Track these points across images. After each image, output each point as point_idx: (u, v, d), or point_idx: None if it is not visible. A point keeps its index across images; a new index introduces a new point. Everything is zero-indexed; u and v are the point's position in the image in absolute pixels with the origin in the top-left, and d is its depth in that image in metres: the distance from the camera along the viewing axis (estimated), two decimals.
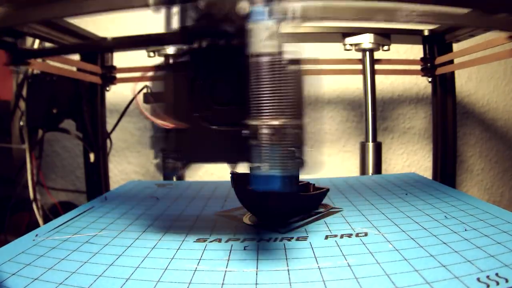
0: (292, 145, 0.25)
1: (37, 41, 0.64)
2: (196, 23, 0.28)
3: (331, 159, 0.83)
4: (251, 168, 0.28)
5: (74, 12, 0.45)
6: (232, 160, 0.30)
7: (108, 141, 0.73)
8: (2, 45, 0.53)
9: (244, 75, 0.25)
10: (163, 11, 0.29)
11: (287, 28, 0.26)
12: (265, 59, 0.24)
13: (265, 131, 0.24)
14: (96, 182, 0.72)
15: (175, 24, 0.29)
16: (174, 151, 0.29)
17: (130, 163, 0.87)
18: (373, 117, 0.64)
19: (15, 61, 0.55)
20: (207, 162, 0.30)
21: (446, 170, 0.70)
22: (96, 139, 0.71)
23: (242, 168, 0.31)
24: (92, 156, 0.70)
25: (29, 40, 0.62)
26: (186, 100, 0.29)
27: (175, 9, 0.29)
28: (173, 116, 0.29)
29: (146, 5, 0.29)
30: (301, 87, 0.27)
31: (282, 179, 0.24)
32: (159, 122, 0.29)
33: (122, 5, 0.43)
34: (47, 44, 0.61)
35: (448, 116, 0.69)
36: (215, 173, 0.84)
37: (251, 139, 0.24)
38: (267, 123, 0.24)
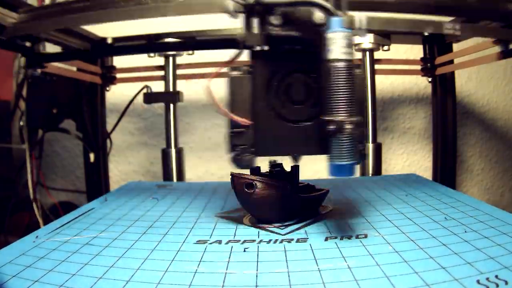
0: (361, 139, 0.31)
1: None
2: (277, 30, 0.31)
3: None
4: (272, 162, 0.35)
5: (147, 14, 0.46)
6: (302, 152, 0.34)
7: (108, 141, 0.73)
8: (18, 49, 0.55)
9: (318, 78, 0.29)
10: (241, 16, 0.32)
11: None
12: (344, 64, 0.28)
13: (348, 126, 0.28)
14: (96, 182, 0.72)
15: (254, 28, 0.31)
16: (250, 146, 0.33)
17: (130, 163, 0.87)
18: (373, 117, 0.64)
19: (32, 64, 0.56)
20: (280, 155, 0.34)
21: (446, 170, 0.70)
22: (96, 139, 0.71)
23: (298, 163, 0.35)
24: (92, 156, 0.70)
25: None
26: (263, 99, 0.33)
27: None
28: (250, 114, 0.33)
29: (226, 11, 0.31)
30: (364, 88, 0.33)
31: (353, 167, 0.29)
32: (239, 119, 0.32)
33: (201, 9, 0.44)
34: (47, 44, 0.61)
35: (448, 116, 0.69)
36: (215, 173, 0.84)
37: (334, 134, 0.28)
38: (349, 119, 0.28)
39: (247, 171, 0.35)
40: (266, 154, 0.34)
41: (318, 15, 0.29)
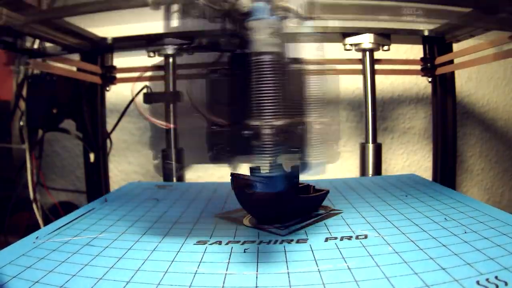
0: (295, 145, 0.25)
1: (37, 41, 0.64)
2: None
3: None
4: (251, 170, 0.29)
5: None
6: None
7: (108, 141, 0.73)
8: (3, 45, 0.54)
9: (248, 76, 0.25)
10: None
11: (291, 26, 0.25)
12: (267, 58, 0.23)
13: (267, 131, 0.23)
14: (96, 182, 0.72)
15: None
16: (225, 146, 0.31)
17: (130, 163, 0.86)
18: (373, 117, 0.64)
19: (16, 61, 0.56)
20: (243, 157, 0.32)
21: (446, 170, 0.70)
22: (96, 139, 0.71)
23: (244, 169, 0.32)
24: (92, 156, 0.70)
25: (29, 39, 0.62)
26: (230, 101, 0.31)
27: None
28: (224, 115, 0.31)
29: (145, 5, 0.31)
30: (304, 86, 0.27)
31: (283, 180, 0.25)
32: (215, 120, 0.31)
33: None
34: (48, 44, 0.61)
35: (448, 116, 0.69)
36: (215, 173, 0.84)
37: (253, 140, 0.24)
38: (269, 123, 0.23)
39: (247, 172, 0.35)
40: (234, 155, 0.32)
41: (244, 2, 0.24)
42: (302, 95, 0.27)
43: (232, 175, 0.35)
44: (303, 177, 0.37)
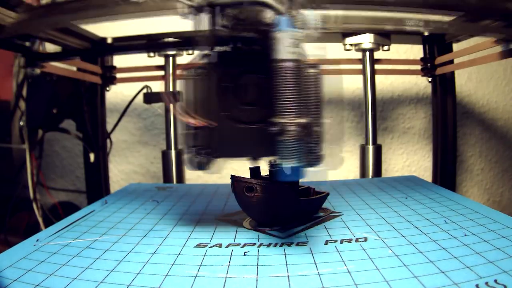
0: (314, 141, 0.29)
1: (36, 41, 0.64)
2: (226, 30, 0.30)
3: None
4: (272, 162, 0.33)
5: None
6: (256, 154, 0.32)
7: (108, 141, 0.73)
8: (17, 49, 0.55)
9: (269, 79, 0.28)
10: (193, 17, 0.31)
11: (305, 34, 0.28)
12: (290, 64, 0.27)
13: (292, 128, 0.27)
14: (96, 182, 0.72)
15: (205, 28, 0.31)
16: (203, 148, 0.32)
17: (130, 163, 0.87)
18: (373, 117, 0.64)
19: (29, 63, 0.57)
20: (233, 157, 0.32)
21: (446, 170, 0.70)
22: (96, 139, 0.71)
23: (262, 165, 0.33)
24: (92, 156, 0.70)
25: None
26: (214, 100, 0.32)
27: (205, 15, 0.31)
28: (202, 115, 0.32)
29: (177, 13, 0.31)
30: (321, 88, 0.31)
31: (302, 171, 0.28)
32: (190, 120, 0.31)
33: (155, 12, 0.46)
34: (47, 44, 0.61)
35: (448, 116, 0.69)
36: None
37: (278, 135, 0.27)
38: (294, 121, 0.27)
39: (246, 173, 0.35)
40: (221, 156, 0.32)
41: (268, 15, 0.28)
42: (318, 96, 0.31)
43: (232, 177, 0.35)
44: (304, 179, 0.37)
